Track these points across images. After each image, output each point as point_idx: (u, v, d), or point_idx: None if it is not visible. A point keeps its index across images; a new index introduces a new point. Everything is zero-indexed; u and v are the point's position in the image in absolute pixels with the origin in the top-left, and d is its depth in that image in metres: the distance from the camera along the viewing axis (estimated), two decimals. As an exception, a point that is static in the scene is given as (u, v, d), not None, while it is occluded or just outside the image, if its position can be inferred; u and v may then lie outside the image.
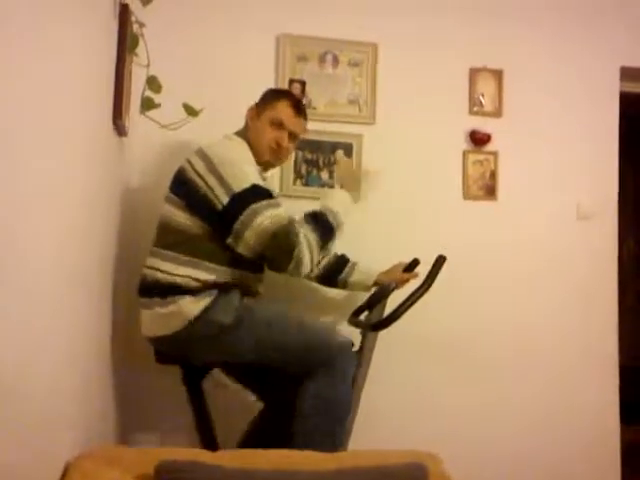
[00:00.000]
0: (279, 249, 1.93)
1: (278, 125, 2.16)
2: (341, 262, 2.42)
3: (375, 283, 2.41)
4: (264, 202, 1.96)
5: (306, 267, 1.96)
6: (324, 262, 2.39)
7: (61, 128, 1.34)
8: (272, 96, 2.23)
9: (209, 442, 2.11)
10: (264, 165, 2.18)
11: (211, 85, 2.53)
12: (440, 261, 2.20)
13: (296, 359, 2.00)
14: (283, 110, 2.17)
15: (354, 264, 2.42)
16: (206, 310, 1.95)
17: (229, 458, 1.46)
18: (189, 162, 2.05)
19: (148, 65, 2.06)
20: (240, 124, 2.24)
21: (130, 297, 2.12)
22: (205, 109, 2.19)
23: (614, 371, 2.78)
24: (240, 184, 1.96)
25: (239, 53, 2.59)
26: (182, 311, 1.95)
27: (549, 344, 2.75)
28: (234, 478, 1.30)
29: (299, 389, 1.99)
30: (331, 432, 1.97)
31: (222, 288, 2.00)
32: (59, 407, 1.40)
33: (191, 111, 2.02)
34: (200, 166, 2.01)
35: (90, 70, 1.63)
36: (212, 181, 1.97)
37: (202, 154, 2.03)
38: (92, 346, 1.81)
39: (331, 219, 2.08)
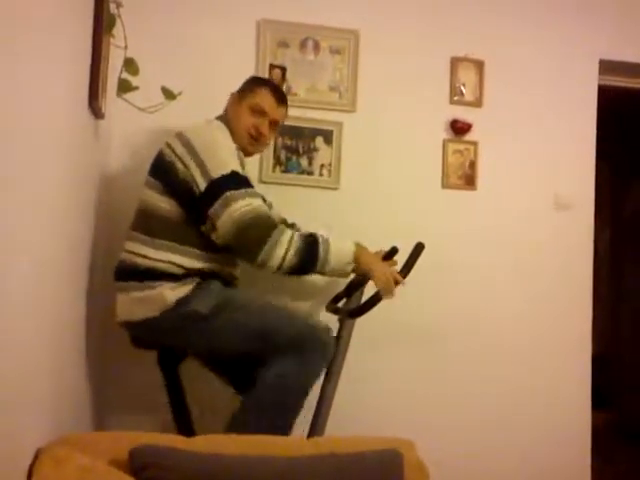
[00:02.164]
0: (250, 239, 1.91)
1: (259, 112, 2.14)
2: None
3: (353, 270, 2.40)
4: (242, 190, 1.94)
5: (275, 261, 1.91)
6: None
7: (33, 110, 1.31)
8: (253, 83, 2.21)
9: (185, 427, 2.11)
10: (244, 151, 2.15)
11: (190, 69, 2.49)
12: (418, 248, 2.19)
13: (271, 345, 1.98)
14: (264, 98, 2.15)
15: None
16: (185, 298, 1.94)
17: (204, 443, 1.45)
18: (169, 145, 2.03)
19: (125, 47, 2.02)
20: (220, 109, 2.22)
21: (107, 281, 2.09)
22: (184, 93, 2.17)
23: (587, 358, 2.83)
24: (218, 170, 1.94)
25: (219, 37, 2.56)
26: (160, 297, 1.93)
27: (525, 332, 2.77)
28: (208, 463, 1.29)
29: (260, 370, 1.97)
30: (283, 413, 1.95)
31: (203, 276, 1.98)
32: (30, 392, 1.38)
33: (169, 95, 1.99)
34: (180, 150, 1.99)
35: (64, 50, 1.59)
36: (192, 165, 1.95)
37: (182, 138, 2.01)
38: (66, 330, 1.79)
39: (321, 249, 1.99)
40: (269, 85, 2.22)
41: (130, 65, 1.98)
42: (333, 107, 2.68)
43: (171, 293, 1.93)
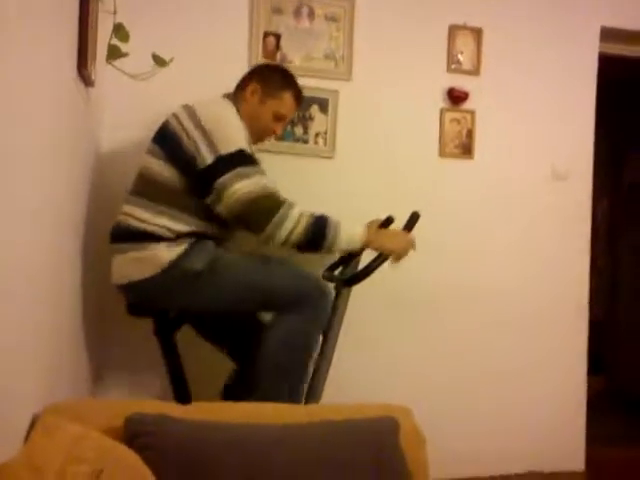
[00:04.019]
0: (259, 212, 1.91)
1: (281, 118, 2.17)
2: None
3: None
4: (251, 167, 1.94)
5: (282, 234, 1.92)
6: None
7: (17, 78, 1.28)
8: (280, 86, 2.17)
9: (182, 395, 2.11)
10: (253, 140, 2.13)
11: (181, 35, 2.44)
12: (414, 217, 2.17)
13: (271, 297, 1.99)
14: (289, 104, 2.18)
15: None
16: (180, 257, 1.93)
17: (199, 411, 1.44)
18: (175, 116, 2.01)
19: (115, 12, 1.98)
20: (212, 76, 2.20)
21: (102, 245, 2.08)
22: (175, 60, 2.13)
23: (584, 325, 2.85)
24: (227, 147, 1.94)
25: (211, 3, 2.51)
26: (156, 257, 1.93)
27: (523, 300, 2.78)
28: (200, 430, 1.29)
29: (269, 324, 1.99)
30: (296, 374, 1.98)
31: (198, 237, 1.98)
32: (26, 356, 1.37)
33: (160, 61, 1.96)
34: (187, 122, 1.97)
35: (49, 15, 1.55)
36: (198, 138, 1.94)
37: (190, 110, 2.00)
38: (64, 293, 1.78)
39: (330, 229, 1.98)
40: (294, 89, 2.20)
41: (119, 31, 1.94)
42: (329, 75, 2.64)
43: (166, 252, 1.93)
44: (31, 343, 1.43)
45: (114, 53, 1.93)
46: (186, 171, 1.97)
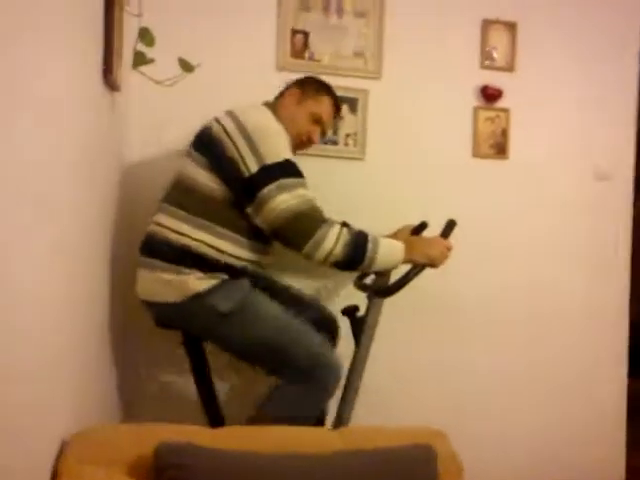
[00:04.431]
0: (299, 230, 1.85)
1: (317, 120, 2.11)
2: None
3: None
4: (294, 179, 1.88)
5: (321, 254, 1.85)
6: None
7: (44, 84, 1.23)
8: (319, 89, 2.14)
9: (210, 406, 2.08)
10: None
11: (208, 36, 2.37)
12: (450, 225, 2.10)
13: (280, 363, 1.92)
14: (327, 108, 2.14)
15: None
16: (208, 291, 1.87)
17: (229, 437, 1.40)
18: (218, 122, 1.95)
19: (140, 15, 1.92)
20: (239, 77, 2.14)
21: (128, 256, 2.04)
22: (202, 61, 2.06)
23: (624, 327, 2.75)
24: (272, 157, 1.88)
25: (238, 2, 2.43)
26: (185, 284, 1.87)
27: (562, 301, 2.68)
28: (233, 463, 1.25)
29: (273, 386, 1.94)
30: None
31: (232, 272, 1.92)
32: (54, 379, 1.34)
33: (187, 66, 1.89)
34: (231, 128, 1.91)
35: (74, 20, 1.51)
36: (243, 146, 1.87)
37: (234, 117, 1.93)
38: (90, 310, 1.74)
39: (370, 248, 1.91)
40: (333, 96, 2.17)
41: (145, 35, 1.88)
42: (358, 74, 2.56)
43: (195, 283, 1.87)
44: (60, 366, 1.39)
45: (140, 60, 1.87)
46: (228, 179, 1.90)
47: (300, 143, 2.12)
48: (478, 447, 2.33)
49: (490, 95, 2.62)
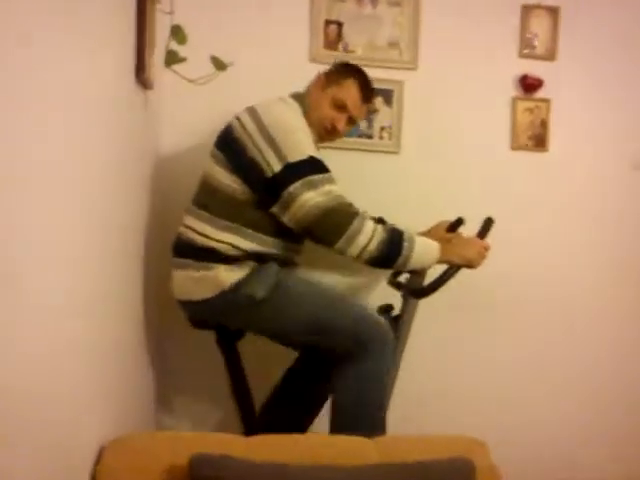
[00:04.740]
0: (331, 225, 1.81)
1: (340, 106, 2.01)
2: None
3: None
4: (320, 176, 1.84)
5: (355, 250, 1.82)
6: None
7: (78, 84, 1.23)
8: (344, 72, 2.05)
9: (245, 407, 2.08)
10: (315, 139, 2.02)
11: (241, 31, 2.33)
12: (488, 224, 2.05)
13: (329, 338, 1.90)
14: (350, 92, 2.02)
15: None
16: (241, 281, 1.86)
17: (263, 447, 1.39)
18: (239, 120, 1.92)
19: (172, 12, 1.89)
20: (273, 72, 2.10)
21: (162, 257, 2.04)
22: (235, 57, 2.03)
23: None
24: (295, 154, 1.84)
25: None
26: (217, 278, 1.86)
27: (603, 298, 2.61)
28: (266, 475, 1.23)
29: (334, 373, 1.90)
30: (372, 420, 1.88)
31: (261, 260, 1.89)
32: (92, 382, 1.35)
33: (219, 65, 1.86)
34: (251, 127, 1.87)
35: (108, 17, 1.49)
36: (263, 145, 1.84)
37: (254, 114, 1.90)
38: (126, 312, 1.75)
39: (405, 246, 1.86)
40: (359, 78, 2.05)
41: (177, 33, 1.85)
42: (393, 65, 2.50)
43: (226, 275, 1.86)
44: (97, 372, 1.40)
45: (172, 59, 1.85)
46: (250, 179, 1.87)
47: (325, 132, 2.04)
48: (518, 455, 2.30)
49: (529, 85, 2.53)
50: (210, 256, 1.87)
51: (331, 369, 1.92)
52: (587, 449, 2.59)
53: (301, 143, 1.86)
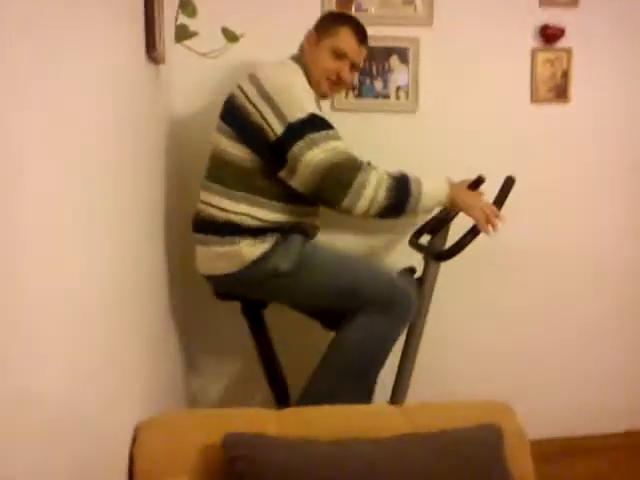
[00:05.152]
0: (335, 182, 1.78)
1: (340, 55, 1.98)
2: None
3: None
4: (323, 132, 1.81)
5: (363, 204, 1.80)
6: None
7: (88, 60, 1.22)
8: (334, 22, 2.02)
9: (273, 374, 2.12)
10: (321, 95, 2.01)
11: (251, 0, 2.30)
12: (508, 183, 2.02)
13: (357, 301, 1.91)
14: (346, 39, 1.98)
15: None
16: (265, 254, 1.87)
17: (293, 421, 1.43)
18: (240, 88, 1.90)
19: (180, -16, 1.85)
20: (285, 41, 2.05)
21: (183, 231, 2.05)
22: (247, 28, 1.99)
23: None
24: (295, 113, 1.81)
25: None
26: (240, 253, 1.87)
27: (624, 249, 2.59)
28: (301, 453, 1.27)
29: (348, 317, 1.92)
30: (364, 375, 1.93)
31: (283, 231, 1.90)
32: (122, 367, 1.38)
33: (231, 36, 1.83)
34: (252, 92, 1.86)
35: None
36: (265, 109, 1.83)
37: (254, 79, 1.88)
38: (151, 298, 1.77)
39: (413, 188, 1.85)
40: (351, 24, 2.02)
41: (186, 6, 1.81)
42: (408, 22, 2.43)
43: (250, 250, 1.87)
44: (127, 352, 1.43)
45: (183, 34, 1.82)
46: (257, 146, 1.86)
47: (332, 85, 2.02)
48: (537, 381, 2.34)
49: (551, 35, 2.46)
50: (232, 230, 1.88)
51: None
52: (609, 400, 2.61)
53: (300, 101, 1.83)
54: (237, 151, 1.89)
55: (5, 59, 0.84)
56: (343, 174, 1.79)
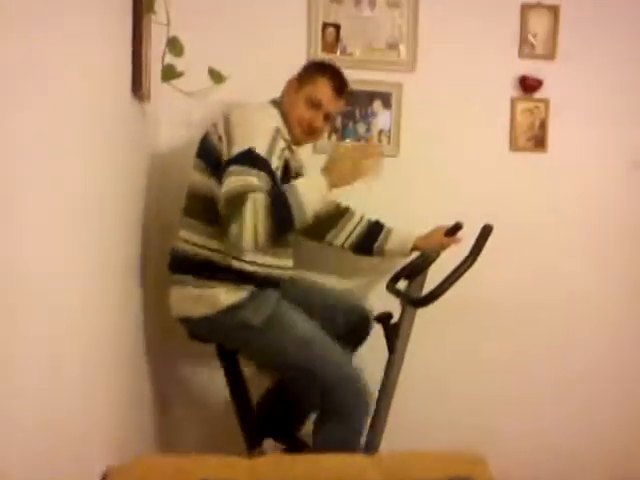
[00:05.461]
0: (227, 217, 1.72)
1: (315, 105, 1.99)
2: (375, 229, 2.27)
3: (414, 248, 2.28)
4: (245, 167, 1.73)
5: (249, 233, 1.69)
6: (357, 231, 2.26)
7: (74, 98, 1.22)
8: (315, 71, 2.04)
9: (247, 420, 2.09)
10: (295, 142, 2.03)
11: (238, 40, 2.32)
12: (486, 231, 2.05)
13: (308, 381, 1.92)
14: (323, 89, 1.99)
15: (389, 230, 2.27)
16: (240, 303, 1.87)
17: (267, 469, 1.41)
18: (214, 125, 1.93)
19: (168, 24, 1.87)
20: (271, 83, 2.07)
21: (160, 271, 2.04)
22: (234, 67, 2.04)
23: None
24: (238, 148, 1.77)
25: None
26: (216, 296, 1.87)
27: (601, 300, 2.60)
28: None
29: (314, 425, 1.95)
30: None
31: (258, 282, 1.90)
32: (90, 411, 1.36)
33: (218, 77, 1.85)
34: (221, 127, 1.88)
35: (104, 37, 1.48)
36: (226, 144, 1.83)
37: (227, 117, 1.90)
38: (125, 332, 1.75)
39: (289, 195, 1.75)
40: (331, 74, 2.02)
41: (174, 45, 1.84)
42: (392, 67, 2.48)
43: (225, 295, 1.86)
44: (97, 395, 1.41)
45: (169, 74, 1.83)
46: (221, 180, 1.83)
47: (305, 133, 2.02)
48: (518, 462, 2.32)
49: (529, 86, 2.52)
50: (209, 270, 1.87)
51: None
52: (590, 449, 2.61)
53: (252, 135, 1.78)
54: (210, 186, 1.87)
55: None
56: (231, 209, 1.71)
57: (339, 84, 2.03)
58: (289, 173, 1.94)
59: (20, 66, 0.94)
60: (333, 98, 2.01)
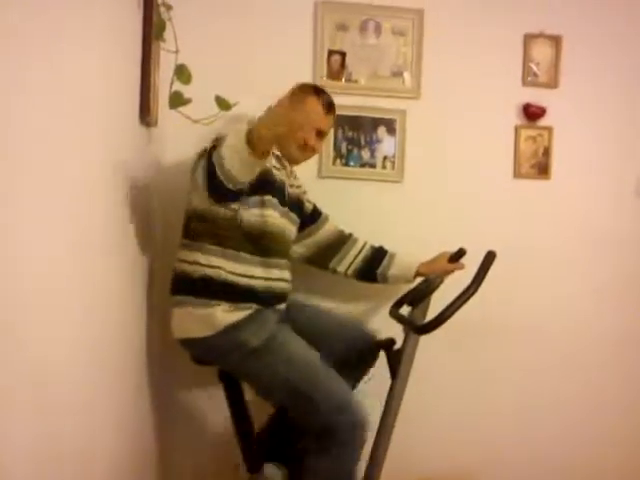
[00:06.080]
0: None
1: (308, 123, 2.04)
2: (378, 255, 2.28)
3: (417, 274, 2.28)
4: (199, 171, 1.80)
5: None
6: (360, 257, 2.26)
7: (82, 124, 1.24)
8: (302, 92, 2.07)
9: (247, 444, 2.08)
10: (293, 160, 2.10)
11: (245, 67, 2.37)
12: (489, 258, 2.05)
13: (303, 409, 1.89)
14: (313, 107, 2.04)
15: (393, 255, 2.28)
16: (239, 323, 1.87)
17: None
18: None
19: (177, 51, 1.90)
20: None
21: (164, 293, 2.05)
22: (240, 94, 2.03)
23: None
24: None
25: (275, 26, 2.41)
26: (214, 316, 1.87)
27: (602, 325, 2.59)
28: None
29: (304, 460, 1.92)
30: None
31: (259, 301, 1.91)
32: (91, 439, 1.36)
33: (225, 105, 1.86)
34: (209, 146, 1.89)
35: (114, 64, 1.51)
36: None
37: (219, 136, 1.90)
38: (129, 358, 1.76)
39: (216, 160, 1.69)
40: (317, 93, 2.09)
41: (182, 73, 1.86)
42: (396, 94, 2.51)
43: (224, 315, 1.87)
44: (97, 425, 1.41)
45: (177, 101, 1.85)
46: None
47: (301, 151, 2.09)
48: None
49: (533, 113, 2.54)
50: (206, 288, 1.88)
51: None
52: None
53: (223, 159, 1.68)
54: (205, 203, 1.88)
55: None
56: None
57: (327, 102, 2.10)
58: (285, 199, 2.02)
59: (26, 96, 0.96)
60: (323, 115, 2.08)
